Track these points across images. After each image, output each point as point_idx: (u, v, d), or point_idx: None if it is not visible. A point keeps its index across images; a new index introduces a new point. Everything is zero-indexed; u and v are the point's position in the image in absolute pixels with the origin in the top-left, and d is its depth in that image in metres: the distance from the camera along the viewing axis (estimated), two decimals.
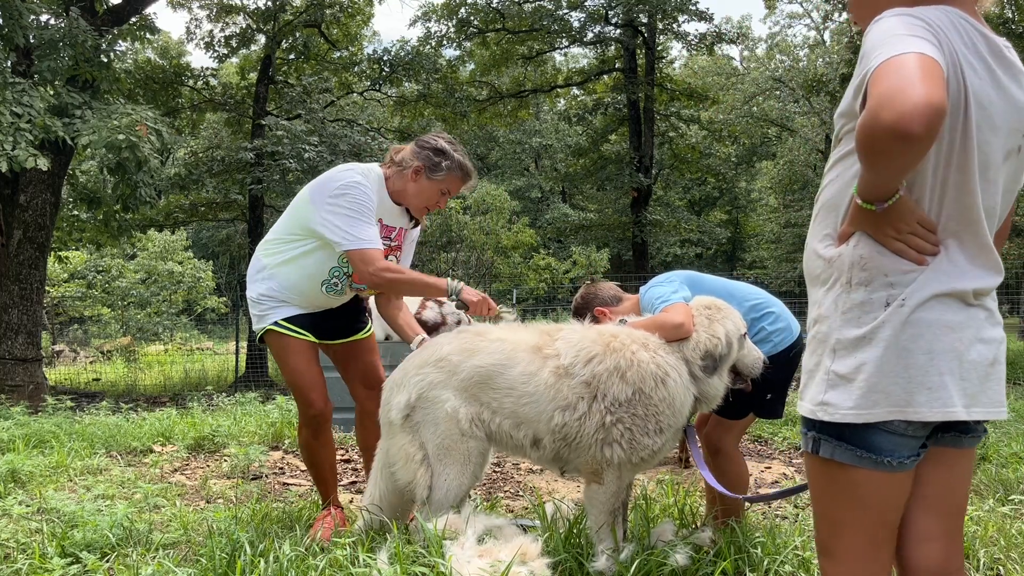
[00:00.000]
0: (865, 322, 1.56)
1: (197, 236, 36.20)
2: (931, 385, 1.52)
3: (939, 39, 1.44)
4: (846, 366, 1.57)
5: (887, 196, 1.50)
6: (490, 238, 25.36)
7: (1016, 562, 2.99)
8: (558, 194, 36.82)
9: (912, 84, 1.33)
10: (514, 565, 2.47)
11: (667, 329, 2.88)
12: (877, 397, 1.54)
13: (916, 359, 1.53)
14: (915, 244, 1.54)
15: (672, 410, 2.80)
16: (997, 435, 5.56)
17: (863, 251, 1.58)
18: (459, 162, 3.37)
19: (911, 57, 1.37)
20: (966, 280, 1.55)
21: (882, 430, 1.56)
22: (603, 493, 2.85)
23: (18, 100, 9.64)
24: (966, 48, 1.48)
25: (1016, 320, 19.53)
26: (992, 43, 1.52)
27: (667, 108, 20.72)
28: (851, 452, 1.59)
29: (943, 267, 1.55)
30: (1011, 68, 1.54)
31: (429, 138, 3.43)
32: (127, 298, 26.90)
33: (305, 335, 3.47)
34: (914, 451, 1.59)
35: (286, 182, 15.97)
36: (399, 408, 2.99)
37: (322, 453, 3.62)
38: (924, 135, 1.32)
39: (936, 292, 1.54)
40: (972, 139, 1.50)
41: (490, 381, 2.91)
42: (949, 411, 1.53)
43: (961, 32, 1.48)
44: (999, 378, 1.59)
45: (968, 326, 1.56)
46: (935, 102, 1.32)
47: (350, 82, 19.62)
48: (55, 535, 3.28)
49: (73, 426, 6.54)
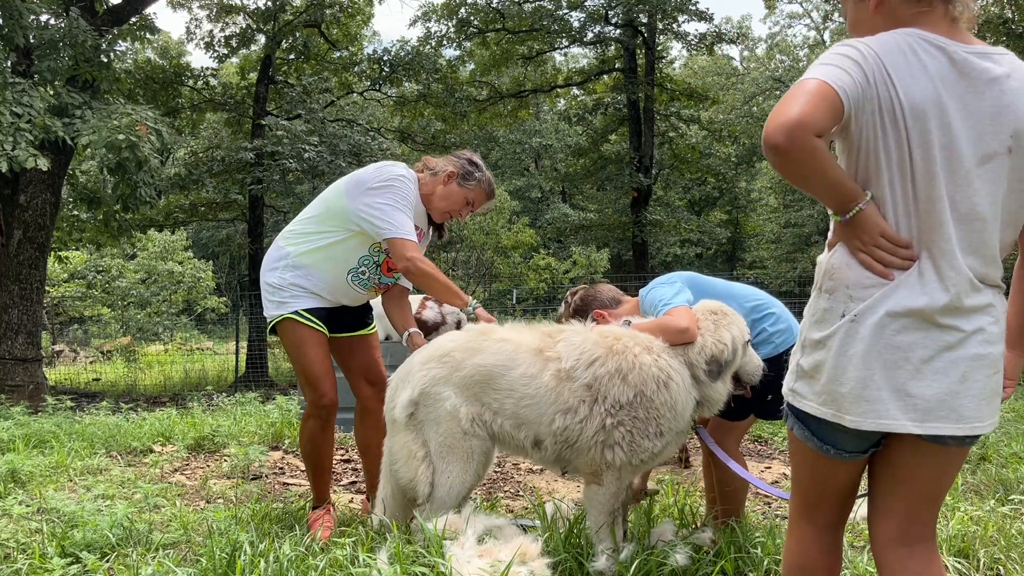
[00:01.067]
0: (824, 328, 1.70)
1: (197, 236, 36.19)
2: (869, 398, 1.63)
3: (862, 62, 1.57)
4: (808, 363, 1.74)
5: (845, 208, 1.61)
6: (490, 238, 25.35)
7: (1016, 562, 2.99)
8: (558, 194, 36.81)
9: (790, 104, 1.51)
10: (514, 565, 2.47)
11: (671, 333, 2.87)
12: (826, 398, 1.69)
13: (858, 372, 1.64)
14: (879, 257, 1.62)
15: (674, 414, 2.79)
16: (997, 435, 5.56)
17: (836, 261, 1.71)
18: (488, 178, 3.60)
19: (807, 81, 1.55)
20: (926, 302, 1.60)
21: (830, 424, 1.70)
22: (603, 494, 2.85)
23: (18, 100, 9.64)
24: (908, 63, 1.58)
25: None
26: (952, 55, 1.60)
27: (667, 108, 20.71)
28: (804, 431, 1.79)
29: (910, 283, 1.62)
30: (975, 77, 1.60)
31: (464, 152, 3.66)
32: (127, 298, 26.90)
33: (321, 327, 3.53)
34: (860, 448, 1.74)
35: (286, 182, 15.98)
36: (403, 405, 3.00)
37: (325, 447, 3.65)
38: (786, 146, 1.49)
39: (889, 311, 1.61)
40: (920, 147, 1.57)
41: (491, 382, 2.91)
42: (884, 423, 1.63)
43: (906, 51, 1.59)
44: (972, 395, 1.62)
45: (924, 345, 1.61)
46: (802, 119, 1.48)
47: (350, 82, 19.62)
48: (55, 535, 3.28)
49: (73, 426, 6.54)
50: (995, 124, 1.61)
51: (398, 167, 3.49)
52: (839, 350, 1.66)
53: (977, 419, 1.65)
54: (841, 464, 1.77)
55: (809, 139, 1.49)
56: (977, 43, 1.66)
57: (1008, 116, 1.61)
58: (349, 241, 3.47)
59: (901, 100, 1.57)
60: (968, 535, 3.20)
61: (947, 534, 3.18)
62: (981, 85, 1.61)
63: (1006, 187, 1.64)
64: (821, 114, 1.51)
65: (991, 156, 1.61)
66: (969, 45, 1.64)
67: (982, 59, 1.62)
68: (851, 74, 1.56)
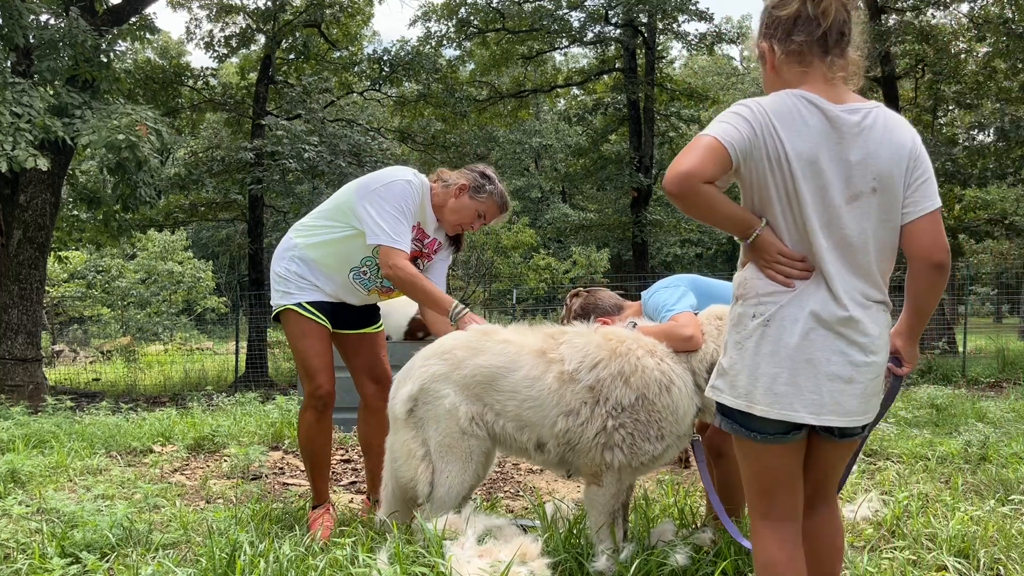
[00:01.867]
0: (739, 330, 2.03)
1: (197, 236, 36.20)
2: (777, 391, 1.95)
3: (751, 119, 1.92)
4: (726, 362, 2.05)
5: (745, 234, 1.99)
6: (490, 238, 25.33)
7: (1016, 562, 2.99)
8: (558, 194, 36.81)
9: (684, 157, 1.87)
10: (514, 565, 2.47)
11: (676, 340, 2.86)
12: (740, 391, 2.00)
13: (767, 368, 1.95)
14: (779, 270, 1.98)
15: (675, 418, 2.79)
16: (997, 435, 5.57)
17: (747, 274, 2.05)
18: (500, 191, 3.60)
19: (702, 138, 1.91)
20: (819, 307, 1.94)
21: (745, 413, 2.00)
22: (602, 495, 2.85)
23: (18, 100, 9.64)
24: (791, 120, 1.93)
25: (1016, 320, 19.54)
26: (827, 113, 1.94)
27: (667, 108, 20.72)
28: (730, 424, 2.06)
29: (807, 292, 1.95)
30: (845, 131, 1.94)
31: (478, 164, 3.67)
32: (127, 298, 26.91)
33: (323, 321, 3.59)
34: (782, 430, 2.00)
35: (286, 182, 15.99)
36: (403, 400, 3.01)
37: (322, 440, 3.68)
38: (677, 192, 1.88)
39: (792, 315, 1.95)
40: (801, 187, 1.92)
41: (494, 383, 2.91)
42: (788, 414, 1.95)
43: (789, 109, 1.94)
44: (855, 394, 1.95)
45: (821, 346, 1.93)
46: (690, 171, 1.85)
47: (350, 82, 19.62)
48: (55, 535, 3.27)
49: (73, 426, 6.54)
50: (861, 169, 1.94)
51: (407, 173, 3.53)
52: (754, 350, 1.97)
53: (858, 413, 1.98)
54: (772, 449, 2.02)
55: (696, 186, 1.87)
56: (851, 100, 1.99)
57: (871, 162, 1.94)
58: (355, 240, 3.51)
59: (786, 150, 1.92)
60: (968, 535, 3.20)
61: (947, 534, 3.18)
62: (850, 137, 1.94)
63: (875, 221, 1.97)
64: (709, 165, 1.87)
65: (858, 195, 1.94)
66: (842, 104, 1.97)
67: (851, 114, 1.96)
68: (740, 130, 1.91)
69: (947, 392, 8.23)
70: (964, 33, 17.87)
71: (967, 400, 7.74)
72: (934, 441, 5.50)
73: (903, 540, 3.22)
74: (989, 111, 17.42)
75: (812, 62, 2.00)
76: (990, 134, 17.07)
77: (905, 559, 2.98)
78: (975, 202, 20.76)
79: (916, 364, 2.20)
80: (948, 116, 21.00)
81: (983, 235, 20.86)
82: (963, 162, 16.71)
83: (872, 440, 5.58)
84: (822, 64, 1.99)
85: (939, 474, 4.67)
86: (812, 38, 1.99)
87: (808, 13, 1.98)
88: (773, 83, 2.07)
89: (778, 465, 2.05)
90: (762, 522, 2.08)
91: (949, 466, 4.83)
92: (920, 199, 1.99)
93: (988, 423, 6.35)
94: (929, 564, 2.98)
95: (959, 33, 18.01)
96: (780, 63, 2.03)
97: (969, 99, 18.10)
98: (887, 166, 1.96)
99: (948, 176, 16.76)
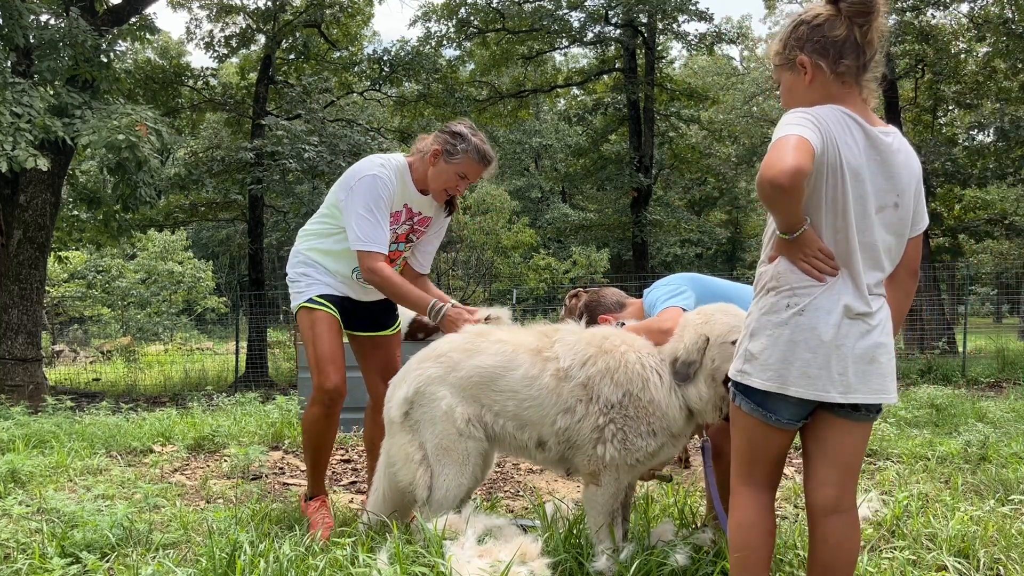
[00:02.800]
0: (771, 318, 2.19)
1: (197, 236, 36.21)
2: (811, 374, 2.13)
3: (820, 127, 2.09)
4: (755, 347, 2.20)
5: (794, 229, 2.13)
6: (490, 238, 25.34)
7: (1016, 562, 2.99)
8: (558, 194, 36.81)
9: (786, 154, 2.00)
10: (514, 565, 2.47)
11: (655, 334, 2.89)
12: (771, 374, 2.16)
13: (802, 353, 2.13)
14: (816, 265, 2.16)
15: (660, 413, 2.78)
16: (997, 435, 5.57)
17: (781, 268, 2.21)
18: (475, 146, 3.44)
19: (791, 137, 2.04)
20: (850, 300, 2.15)
21: (774, 395, 2.17)
22: (601, 495, 2.86)
23: (18, 100, 9.64)
24: (844, 134, 2.14)
25: (1016, 320, 19.53)
26: (868, 132, 2.17)
27: (667, 108, 20.70)
28: (750, 404, 2.23)
29: (837, 286, 2.15)
30: (882, 150, 2.18)
31: (450, 124, 3.54)
32: (127, 298, 26.91)
33: (333, 311, 3.57)
34: (796, 417, 2.21)
35: (286, 182, 15.98)
36: (398, 403, 3.01)
37: (327, 435, 3.64)
38: (789, 186, 2.00)
39: (827, 306, 2.14)
40: (848, 194, 2.13)
41: (491, 383, 2.92)
42: (821, 394, 2.13)
43: (842, 123, 2.15)
44: (880, 373, 2.17)
45: (849, 334, 2.14)
46: (799, 166, 1.98)
47: (350, 82, 19.61)
48: (55, 535, 3.27)
49: (73, 426, 6.54)
50: (889, 184, 2.20)
51: (372, 165, 3.47)
52: (788, 336, 2.15)
53: (883, 391, 2.18)
54: (777, 432, 2.24)
55: (803, 180, 2.02)
56: (878, 123, 2.22)
57: (897, 180, 2.20)
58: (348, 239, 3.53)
59: (843, 160, 2.12)
60: (968, 535, 3.20)
61: (947, 534, 3.18)
62: (886, 156, 2.19)
63: (892, 231, 2.22)
64: (809, 162, 2.02)
65: (884, 207, 2.20)
66: (875, 126, 2.20)
67: (884, 136, 2.20)
68: (816, 135, 2.08)
69: (947, 392, 8.22)
70: (964, 33, 17.88)
71: (967, 400, 7.74)
72: (934, 441, 5.50)
73: (903, 540, 3.22)
74: (989, 111, 17.43)
75: (852, 83, 2.21)
76: (990, 134, 17.07)
77: (905, 559, 2.98)
78: (975, 202, 20.76)
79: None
80: (948, 116, 20.99)
81: (983, 235, 20.86)
82: (963, 162, 16.71)
83: (872, 440, 5.58)
84: (857, 86, 2.22)
85: (939, 474, 4.67)
86: (857, 63, 2.20)
87: (855, 39, 2.19)
88: (809, 96, 2.24)
89: (775, 445, 2.27)
90: (743, 487, 2.30)
91: (949, 466, 4.83)
92: (919, 221, 2.29)
93: (988, 423, 6.35)
94: (929, 564, 2.98)
95: (959, 33, 18.01)
96: (828, 81, 2.21)
97: (969, 99, 18.10)
98: (906, 186, 2.22)
99: (948, 176, 16.77)
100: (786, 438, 2.27)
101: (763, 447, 2.26)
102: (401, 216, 3.58)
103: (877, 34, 2.20)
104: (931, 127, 19.80)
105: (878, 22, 2.18)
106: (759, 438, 2.25)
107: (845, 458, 2.25)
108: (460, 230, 24.25)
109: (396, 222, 3.57)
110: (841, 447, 2.24)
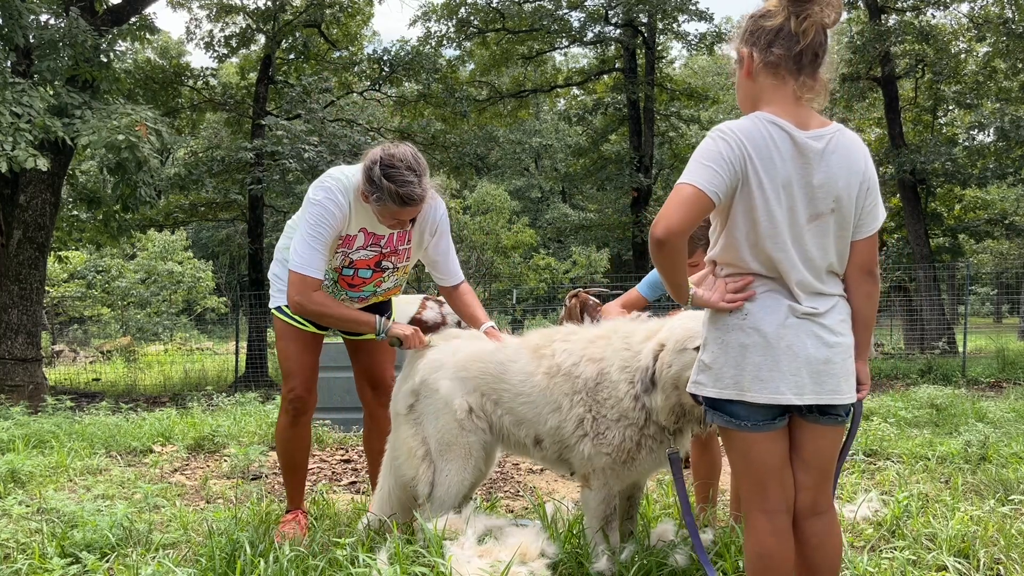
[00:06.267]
0: (717, 327, 2.19)
1: (197, 236, 36.18)
2: (763, 377, 2.11)
3: (730, 158, 2.06)
4: (707, 357, 2.20)
5: (684, 299, 2.18)
6: (490, 238, 25.35)
7: (1016, 562, 2.99)
8: (558, 194, 36.81)
9: (671, 211, 2.02)
10: (514, 565, 2.47)
11: None
12: (727, 382, 2.15)
13: (753, 357, 2.12)
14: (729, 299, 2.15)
15: (618, 395, 2.75)
16: (997, 435, 5.57)
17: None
18: (391, 191, 3.03)
19: (685, 189, 2.04)
20: (791, 302, 2.12)
21: (735, 403, 2.15)
22: (592, 498, 2.88)
23: (18, 100, 9.63)
24: (767, 149, 2.08)
25: (1016, 320, 19.52)
26: (795, 140, 2.10)
27: (667, 108, 20.72)
28: (720, 417, 2.20)
29: (776, 292, 2.14)
30: (810, 157, 2.10)
31: (373, 158, 3.10)
32: (127, 298, 26.90)
33: (304, 326, 3.46)
34: (767, 417, 2.16)
35: (286, 182, 15.96)
36: (404, 395, 3.09)
37: (295, 443, 3.58)
38: (664, 241, 2.02)
39: (769, 305, 2.13)
40: (776, 208, 2.09)
41: (493, 370, 2.98)
42: (776, 397, 2.10)
43: (765, 138, 2.08)
44: (833, 374, 2.13)
45: (799, 334, 2.11)
46: (673, 228, 2.01)
47: (350, 82, 19.60)
48: (55, 535, 3.27)
49: (73, 426, 6.54)
50: (823, 191, 2.12)
51: (319, 191, 3.22)
52: (736, 343, 2.14)
53: (836, 392, 2.14)
54: (761, 437, 2.17)
55: (681, 241, 2.04)
56: (815, 125, 2.14)
57: (831, 185, 2.12)
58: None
59: (761, 178, 2.08)
60: (968, 535, 3.20)
61: (947, 534, 3.18)
62: (814, 163, 2.11)
63: (833, 236, 2.16)
64: (695, 219, 2.04)
65: (818, 214, 2.13)
66: (807, 130, 2.12)
67: (816, 141, 2.11)
68: (721, 174, 2.05)
69: (947, 392, 8.22)
70: (964, 33, 17.88)
71: (967, 400, 7.74)
72: (934, 441, 5.50)
73: (903, 540, 3.22)
74: (989, 111, 17.41)
75: (785, 77, 2.13)
76: (990, 134, 17.06)
77: (905, 559, 2.98)
78: (975, 202, 20.76)
79: (869, 386, 2.34)
80: (948, 116, 20.99)
81: (983, 235, 20.86)
82: (963, 162, 16.71)
83: (872, 440, 5.58)
84: (794, 82, 2.12)
85: (939, 474, 4.67)
86: (789, 54, 2.11)
87: (790, 29, 2.10)
88: (747, 89, 2.21)
89: (767, 452, 2.19)
90: (758, 514, 2.21)
91: (949, 466, 4.82)
92: (869, 222, 2.22)
93: (988, 423, 6.34)
94: (929, 564, 2.98)
95: (959, 33, 18.02)
96: (757, 71, 2.16)
97: (969, 99, 18.10)
98: (844, 189, 2.15)
99: (948, 176, 16.77)
100: (775, 443, 2.20)
101: (757, 459, 2.19)
102: (355, 241, 3.31)
103: (816, 27, 2.09)
104: (931, 127, 19.80)
105: (820, 15, 2.08)
106: (747, 449, 2.19)
107: (820, 462, 2.23)
108: (460, 230, 24.25)
109: (348, 246, 3.32)
110: (816, 451, 2.22)
